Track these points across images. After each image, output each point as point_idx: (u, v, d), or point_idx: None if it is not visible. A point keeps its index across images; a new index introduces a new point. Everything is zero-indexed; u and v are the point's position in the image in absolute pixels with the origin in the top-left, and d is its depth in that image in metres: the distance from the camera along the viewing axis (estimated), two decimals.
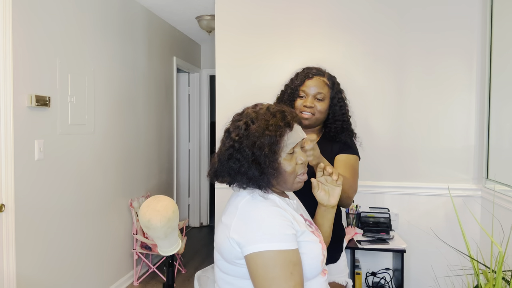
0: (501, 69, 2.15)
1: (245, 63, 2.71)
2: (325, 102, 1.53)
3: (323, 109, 1.53)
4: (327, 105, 1.54)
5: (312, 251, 1.02)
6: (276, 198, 1.06)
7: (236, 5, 2.72)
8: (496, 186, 2.19)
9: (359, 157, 1.57)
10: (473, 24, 2.43)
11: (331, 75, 1.60)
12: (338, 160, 1.51)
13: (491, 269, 1.11)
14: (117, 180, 3.01)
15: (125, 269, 3.16)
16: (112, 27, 2.92)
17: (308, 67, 1.62)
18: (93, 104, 2.67)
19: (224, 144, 1.06)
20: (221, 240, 1.02)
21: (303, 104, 1.53)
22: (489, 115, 2.29)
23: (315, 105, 1.52)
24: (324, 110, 1.53)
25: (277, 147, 1.01)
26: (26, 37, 2.08)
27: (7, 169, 1.97)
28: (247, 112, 1.07)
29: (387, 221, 2.43)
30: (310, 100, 1.52)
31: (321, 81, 1.54)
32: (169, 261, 1.44)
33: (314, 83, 1.53)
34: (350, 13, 2.58)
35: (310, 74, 1.56)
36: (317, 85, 1.53)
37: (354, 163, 1.51)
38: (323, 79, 1.55)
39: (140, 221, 1.26)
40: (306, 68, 1.61)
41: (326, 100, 1.54)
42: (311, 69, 1.59)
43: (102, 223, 2.81)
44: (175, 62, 4.13)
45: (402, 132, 2.53)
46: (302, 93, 1.55)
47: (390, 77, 2.54)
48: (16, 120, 2.01)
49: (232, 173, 1.04)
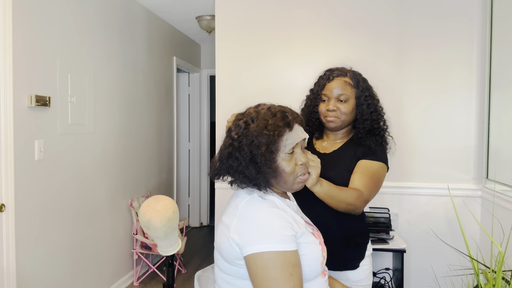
0: (501, 69, 2.15)
1: (245, 63, 2.71)
2: (350, 103, 1.47)
3: (348, 111, 1.46)
4: (352, 106, 1.47)
5: (312, 253, 1.02)
6: (276, 199, 1.05)
7: (236, 5, 2.71)
8: (496, 186, 2.19)
9: (386, 165, 1.48)
10: (472, 24, 2.43)
11: (355, 72, 1.52)
12: (358, 165, 1.44)
13: (491, 269, 1.11)
14: (117, 180, 3.01)
15: (125, 269, 3.16)
16: (112, 27, 2.92)
17: (330, 68, 1.55)
18: (93, 104, 2.67)
19: (225, 142, 1.07)
20: (221, 240, 1.02)
21: (326, 108, 1.48)
22: (489, 115, 2.29)
23: (339, 107, 1.46)
24: (349, 111, 1.47)
25: (274, 146, 1.01)
26: (26, 37, 2.08)
27: (7, 169, 1.97)
28: (249, 111, 1.08)
29: (387, 221, 2.43)
30: (332, 103, 1.46)
31: (343, 82, 1.47)
32: (169, 261, 1.43)
33: (335, 85, 1.47)
34: (351, 12, 2.57)
35: (331, 76, 1.49)
36: (339, 86, 1.46)
37: (375, 170, 1.42)
38: (345, 79, 1.48)
39: (140, 221, 1.26)
40: (327, 70, 1.54)
41: (351, 101, 1.47)
42: (332, 70, 1.53)
43: (102, 223, 2.81)
44: (175, 62, 4.13)
45: (402, 132, 2.52)
46: (324, 96, 1.49)
47: (390, 77, 2.53)
48: (16, 120, 2.01)
49: (231, 171, 1.04)
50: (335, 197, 1.29)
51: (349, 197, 1.33)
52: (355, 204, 1.34)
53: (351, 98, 1.47)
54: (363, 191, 1.36)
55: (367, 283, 1.50)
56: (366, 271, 1.49)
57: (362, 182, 1.38)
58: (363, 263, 1.49)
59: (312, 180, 1.17)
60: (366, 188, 1.37)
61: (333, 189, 1.29)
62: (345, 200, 1.32)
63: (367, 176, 1.39)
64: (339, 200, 1.30)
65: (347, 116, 1.47)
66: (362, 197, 1.36)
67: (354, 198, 1.33)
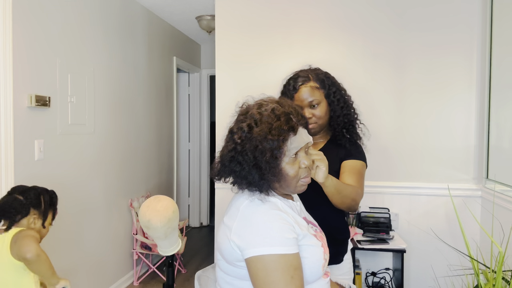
0: (501, 69, 2.15)
1: (245, 63, 2.71)
2: (322, 105, 1.48)
3: (322, 113, 1.48)
4: (325, 107, 1.49)
5: (314, 255, 1.01)
6: (278, 201, 1.04)
7: (236, 5, 2.72)
8: (496, 186, 2.19)
9: (365, 163, 1.53)
10: (473, 24, 2.43)
11: (318, 73, 1.52)
12: (343, 166, 1.47)
13: (491, 269, 1.11)
14: (117, 180, 3.01)
15: (125, 269, 3.16)
16: (112, 27, 2.92)
17: (292, 76, 1.54)
18: (93, 104, 2.67)
19: (227, 145, 1.05)
20: (222, 241, 1.02)
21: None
22: (489, 115, 2.29)
23: (313, 113, 1.47)
24: (324, 113, 1.49)
25: (279, 152, 0.98)
26: (26, 37, 2.08)
27: (7, 169, 1.97)
28: (252, 112, 1.04)
29: (387, 221, 2.43)
30: (306, 112, 1.46)
31: (309, 88, 1.47)
32: (169, 261, 1.43)
33: (302, 93, 1.47)
34: (351, 13, 2.58)
35: (296, 86, 1.49)
36: (307, 93, 1.46)
37: (360, 169, 1.47)
38: (310, 84, 1.48)
39: (140, 221, 1.25)
40: (290, 79, 1.53)
41: (323, 102, 1.48)
42: (295, 79, 1.51)
43: (102, 223, 2.81)
44: (175, 62, 4.13)
45: (402, 132, 2.53)
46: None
47: (390, 77, 2.54)
48: (16, 120, 2.01)
49: (233, 175, 1.03)
50: (342, 191, 1.32)
51: (352, 192, 1.37)
52: (357, 199, 1.39)
53: (322, 100, 1.48)
54: (358, 188, 1.42)
55: (350, 276, 1.57)
56: (349, 264, 1.56)
57: (354, 179, 1.43)
58: (346, 256, 1.55)
59: (323, 173, 1.19)
60: (359, 184, 1.44)
61: (341, 184, 1.32)
62: (350, 195, 1.35)
63: (356, 175, 1.45)
64: (345, 195, 1.33)
65: (323, 118, 1.49)
66: (360, 193, 1.42)
67: (355, 194, 1.38)
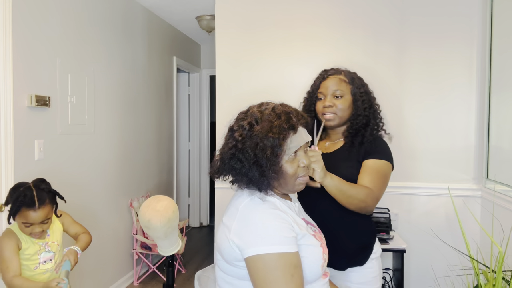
0: (501, 69, 2.15)
1: (245, 63, 2.71)
2: (346, 99, 1.47)
3: (344, 106, 1.46)
4: (349, 102, 1.47)
5: (312, 255, 1.02)
6: (276, 201, 1.05)
7: (236, 5, 2.71)
8: (496, 186, 2.19)
9: (391, 162, 1.46)
10: (473, 24, 2.43)
11: (350, 72, 1.54)
12: (362, 166, 1.43)
13: (491, 269, 1.11)
14: (117, 180, 3.01)
15: (125, 269, 3.16)
16: (112, 27, 2.92)
17: (325, 69, 1.57)
18: (93, 104, 2.67)
19: (227, 143, 1.05)
20: (222, 241, 1.02)
21: (323, 105, 1.48)
22: (489, 115, 2.29)
23: (335, 104, 1.46)
24: (346, 107, 1.47)
25: (279, 150, 1.00)
26: (26, 37, 2.08)
27: (7, 169, 1.97)
28: (252, 111, 1.05)
29: (387, 221, 2.43)
30: (328, 99, 1.46)
31: (337, 79, 1.48)
32: (169, 261, 1.44)
33: (330, 82, 1.48)
34: (350, 12, 2.57)
35: (325, 75, 1.52)
36: (334, 83, 1.47)
37: (380, 168, 1.42)
38: (340, 76, 1.50)
39: (140, 221, 1.26)
40: (322, 71, 1.57)
41: (347, 97, 1.47)
42: (327, 70, 1.55)
43: (102, 223, 2.81)
44: (175, 62, 4.13)
45: (402, 132, 2.52)
46: (320, 95, 1.50)
47: (390, 77, 2.53)
48: (16, 120, 2.01)
49: (233, 172, 1.04)
50: (346, 192, 1.30)
51: (360, 193, 1.33)
52: (366, 200, 1.34)
53: (347, 94, 1.48)
54: (373, 189, 1.37)
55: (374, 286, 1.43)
56: (372, 274, 1.43)
57: (369, 180, 1.38)
58: (368, 265, 1.43)
59: (318, 174, 1.18)
60: (374, 185, 1.38)
61: (344, 184, 1.30)
62: (356, 196, 1.32)
63: (373, 174, 1.40)
64: (349, 195, 1.31)
65: (344, 112, 1.47)
66: (372, 194, 1.36)
67: (364, 195, 1.34)
